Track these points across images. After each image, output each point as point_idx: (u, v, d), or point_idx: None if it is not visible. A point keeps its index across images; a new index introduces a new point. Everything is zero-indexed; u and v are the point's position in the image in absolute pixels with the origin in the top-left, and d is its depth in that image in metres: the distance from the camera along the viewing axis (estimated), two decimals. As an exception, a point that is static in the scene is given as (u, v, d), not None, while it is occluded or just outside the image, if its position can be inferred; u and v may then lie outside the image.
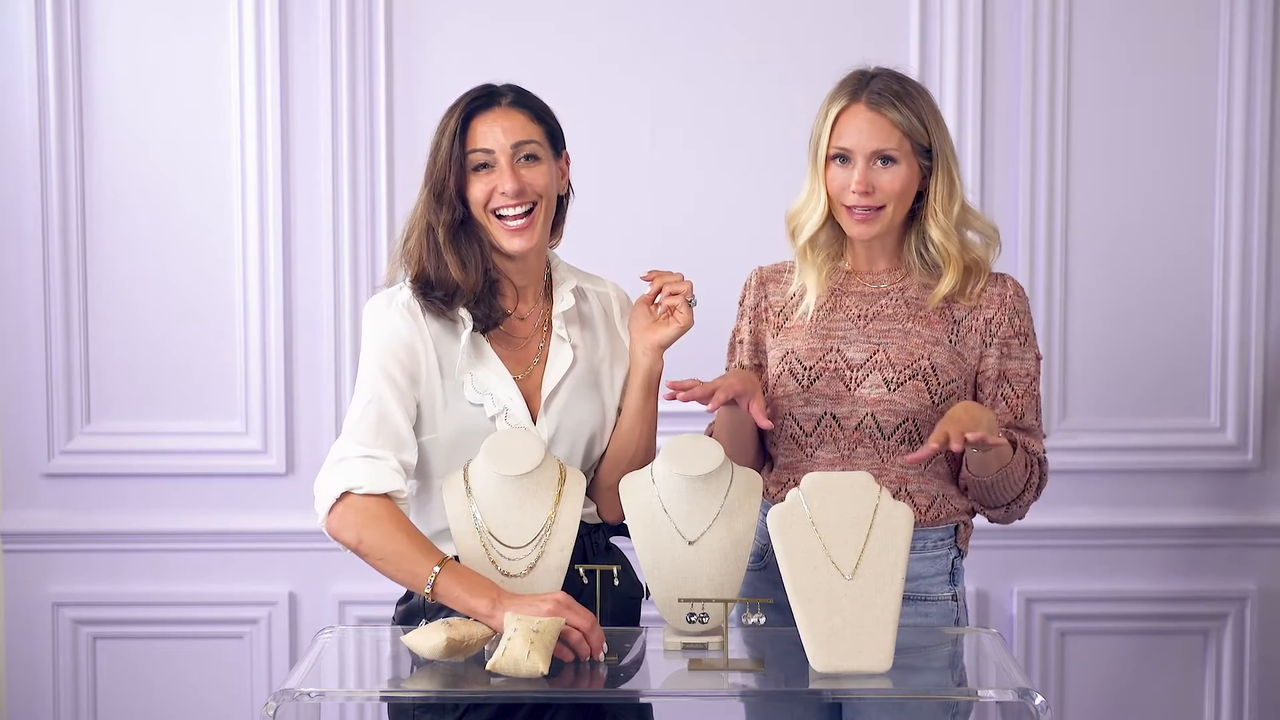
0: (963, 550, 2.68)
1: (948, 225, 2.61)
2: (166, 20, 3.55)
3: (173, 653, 3.65)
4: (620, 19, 3.55)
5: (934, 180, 2.61)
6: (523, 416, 2.51)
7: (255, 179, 3.55)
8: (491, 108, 2.53)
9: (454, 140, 2.51)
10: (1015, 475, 2.61)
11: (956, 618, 2.64)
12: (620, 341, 2.64)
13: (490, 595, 2.34)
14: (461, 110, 2.53)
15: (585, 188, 3.58)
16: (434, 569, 2.36)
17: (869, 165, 2.58)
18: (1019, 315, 2.65)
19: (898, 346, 2.62)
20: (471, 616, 2.34)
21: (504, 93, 2.55)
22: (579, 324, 2.61)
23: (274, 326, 3.58)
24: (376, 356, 2.50)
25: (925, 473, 2.63)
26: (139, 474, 3.62)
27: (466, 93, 2.56)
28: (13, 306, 3.59)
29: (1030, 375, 2.65)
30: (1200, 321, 3.61)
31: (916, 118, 2.59)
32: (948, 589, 2.63)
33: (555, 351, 2.56)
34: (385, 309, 2.53)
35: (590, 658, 2.31)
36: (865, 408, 2.61)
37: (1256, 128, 3.55)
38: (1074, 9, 3.54)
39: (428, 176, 2.54)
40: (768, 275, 2.77)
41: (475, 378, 2.51)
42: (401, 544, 2.40)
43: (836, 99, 2.61)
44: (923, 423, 2.60)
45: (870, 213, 2.60)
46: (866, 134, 2.58)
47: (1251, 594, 3.65)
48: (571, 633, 2.30)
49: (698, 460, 2.46)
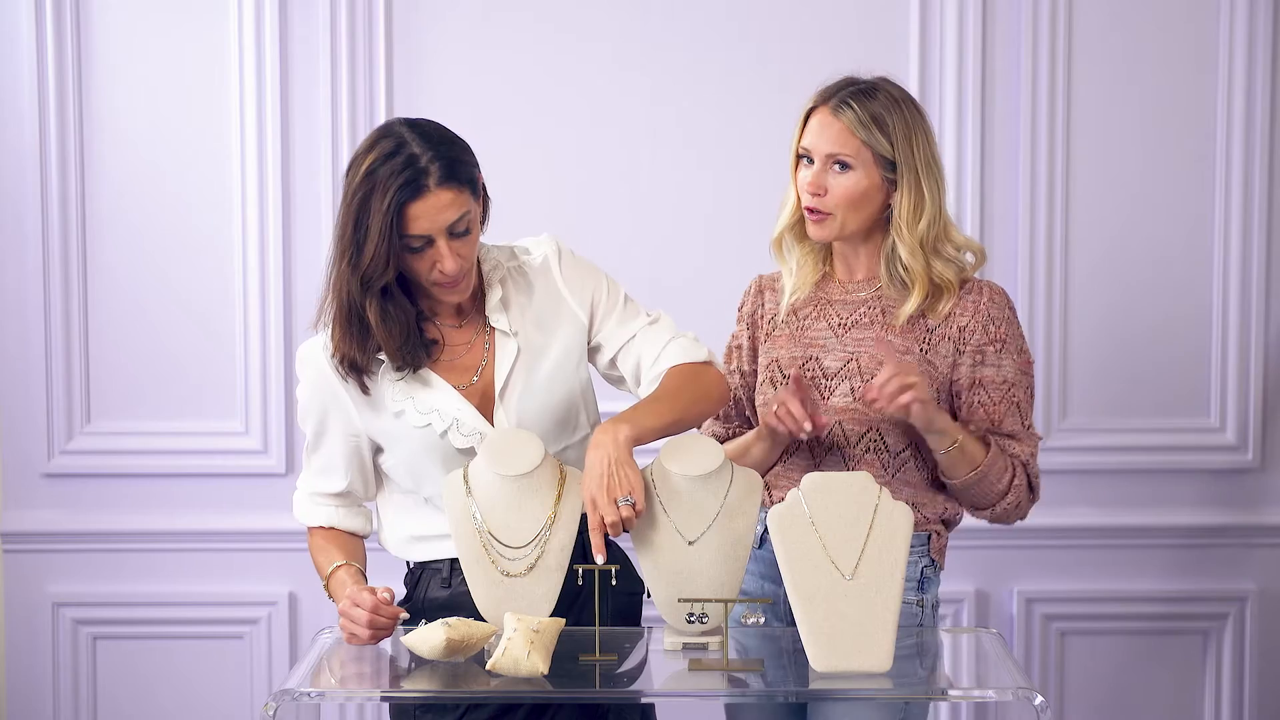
0: (935, 560, 2.67)
1: (912, 243, 2.61)
2: (166, 20, 3.55)
3: (173, 653, 3.65)
4: (620, 19, 3.55)
5: (899, 198, 2.61)
6: (475, 422, 2.52)
7: (255, 178, 3.55)
8: (422, 194, 2.41)
9: (390, 231, 2.41)
10: (991, 477, 2.60)
11: (920, 621, 2.63)
12: (565, 302, 2.60)
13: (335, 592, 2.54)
14: (393, 200, 2.40)
15: (585, 187, 3.60)
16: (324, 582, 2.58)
17: (825, 168, 2.61)
18: (994, 322, 2.63)
19: (869, 355, 2.63)
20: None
21: (427, 171, 2.41)
22: (515, 306, 2.58)
23: (274, 326, 3.58)
24: (307, 406, 2.58)
25: (895, 480, 2.63)
26: (139, 474, 3.62)
27: (387, 172, 2.40)
28: (13, 306, 3.59)
29: (1008, 382, 2.63)
30: (1200, 321, 3.61)
31: (881, 133, 2.59)
32: (913, 595, 2.63)
33: (500, 345, 2.56)
34: (309, 359, 2.56)
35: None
36: (835, 416, 2.63)
37: (1256, 128, 3.55)
38: (1074, 10, 3.54)
39: (349, 259, 2.43)
40: (766, 284, 2.78)
41: (416, 401, 2.52)
42: (319, 562, 2.61)
43: (812, 99, 2.65)
44: (887, 431, 2.61)
45: (821, 215, 2.62)
46: (825, 137, 2.60)
47: (1251, 594, 3.65)
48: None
49: (698, 460, 2.46)
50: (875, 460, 2.63)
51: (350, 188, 2.44)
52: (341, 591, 2.49)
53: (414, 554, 2.60)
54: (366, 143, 2.46)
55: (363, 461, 2.59)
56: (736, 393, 2.76)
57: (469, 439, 2.51)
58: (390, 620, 2.41)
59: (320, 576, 2.58)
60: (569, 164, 3.55)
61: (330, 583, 2.55)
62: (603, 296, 2.61)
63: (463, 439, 2.51)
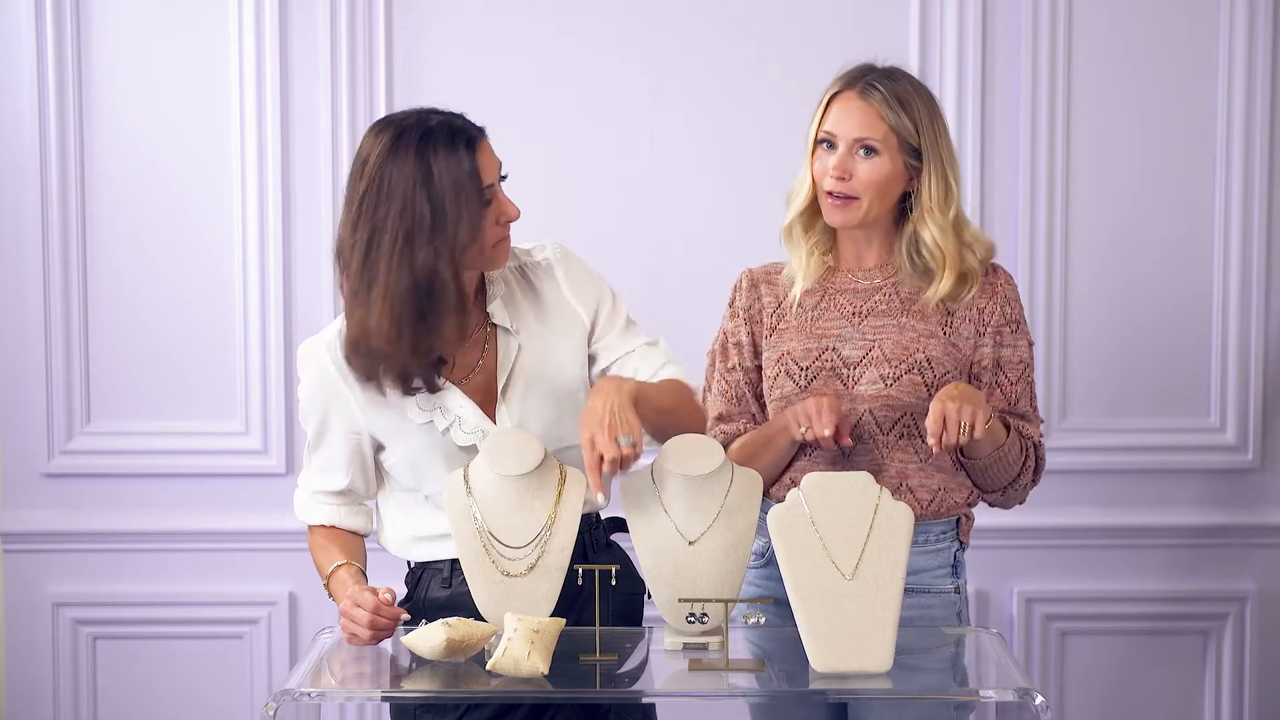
0: (964, 543, 2.69)
1: (944, 223, 2.61)
2: (166, 20, 3.55)
3: (173, 653, 3.65)
4: (620, 19, 3.55)
5: (927, 182, 2.61)
6: (478, 419, 2.51)
7: (255, 178, 3.55)
8: (481, 139, 2.44)
9: (470, 183, 2.38)
10: (1010, 458, 2.62)
11: (959, 610, 2.65)
12: (567, 303, 2.60)
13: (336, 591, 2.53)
14: (462, 147, 2.39)
15: (585, 186, 3.60)
16: (325, 583, 2.57)
17: (850, 152, 2.60)
18: (1010, 303, 2.66)
19: (893, 341, 2.63)
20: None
21: (468, 122, 2.44)
22: (517, 305, 2.58)
23: (274, 326, 3.58)
24: (309, 404, 2.57)
25: (926, 466, 2.63)
26: (139, 474, 3.62)
27: (440, 125, 2.39)
28: (13, 306, 3.59)
29: (1023, 362, 2.66)
30: (1200, 321, 3.61)
31: (907, 116, 2.59)
32: (950, 581, 2.65)
33: (501, 343, 2.55)
34: (311, 357, 2.55)
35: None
36: (863, 404, 2.62)
37: (1256, 128, 3.55)
38: (1074, 9, 3.54)
39: (433, 228, 2.36)
40: (759, 277, 2.75)
41: (419, 398, 2.51)
42: (320, 560, 2.59)
43: (834, 85, 2.64)
44: (919, 415, 2.60)
45: (846, 200, 2.61)
46: (852, 121, 2.59)
47: (1251, 594, 3.65)
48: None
49: (698, 460, 2.46)
50: (908, 446, 2.62)
51: (393, 153, 2.38)
52: (342, 591, 2.49)
53: (414, 554, 2.60)
54: (380, 128, 2.43)
55: (364, 459, 2.58)
56: (740, 388, 2.74)
57: (471, 436, 2.51)
58: (391, 621, 2.41)
59: (320, 575, 2.57)
60: (569, 164, 3.55)
61: (331, 582, 2.55)
62: (607, 308, 2.61)
63: (465, 436, 2.51)
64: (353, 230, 2.41)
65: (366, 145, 2.43)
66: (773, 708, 2.75)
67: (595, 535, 2.60)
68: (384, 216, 2.38)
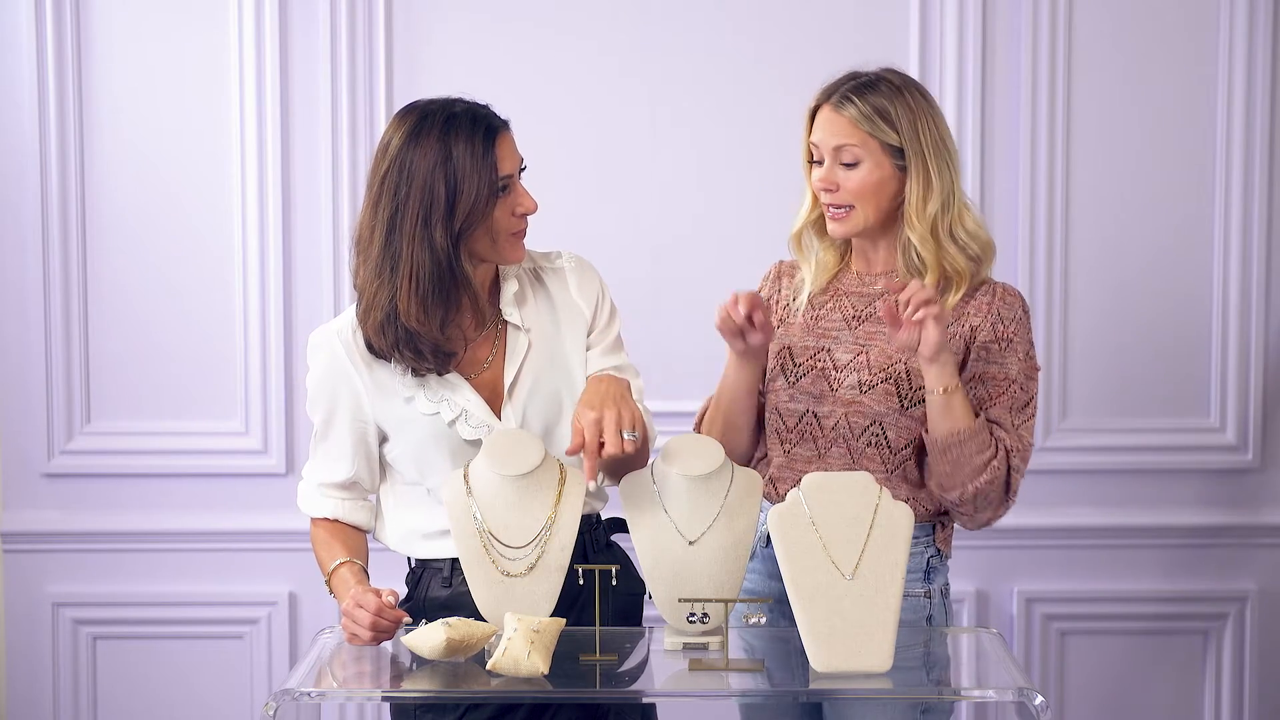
0: (942, 550, 2.67)
1: (923, 231, 2.60)
2: (166, 21, 3.55)
3: (173, 653, 3.65)
4: (620, 19, 3.55)
5: (909, 183, 2.61)
6: (484, 414, 2.52)
7: (255, 178, 3.55)
8: (501, 130, 2.48)
9: (485, 168, 2.43)
10: (971, 447, 2.54)
11: (929, 614, 2.63)
12: (577, 308, 2.62)
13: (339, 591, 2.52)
14: (481, 135, 2.45)
15: (586, 186, 3.60)
16: (326, 580, 2.56)
17: (834, 164, 2.61)
18: (1003, 321, 2.62)
19: (879, 350, 2.63)
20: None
21: (492, 112, 2.50)
22: (529, 303, 2.59)
23: (274, 326, 3.59)
24: (317, 393, 2.58)
25: (892, 477, 2.63)
26: (138, 474, 3.62)
27: (464, 113, 2.47)
28: (13, 306, 3.59)
29: (1009, 379, 2.61)
30: (1200, 322, 3.60)
31: (885, 122, 2.59)
32: (920, 585, 2.63)
33: (511, 340, 2.56)
34: (322, 344, 2.57)
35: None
36: (841, 408, 2.63)
37: (1256, 128, 3.55)
38: (1074, 9, 3.54)
39: (445, 209, 2.42)
40: (785, 270, 2.79)
41: (427, 388, 2.52)
42: (322, 556, 2.59)
43: (815, 98, 2.66)
44: (889, 425, 2.61)
45: (840, 211, 2.62)
46: (828, 133, 2.61)
47: (1251, 594, 3.65)
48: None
49: (698, 460, 2.46)
50: (875, 455, 2.62)
51: (416, 136, 2.43)
52: (344, 590, 2.49)
53: (415, 550, 2.60)
54: (405, 114, 2.49)
55: (369, 450, 2.58)
56: None
57: (476, 431, 2.51)
58: (393, 623, 2.41)
59: (322, 572, 2.57)
60: (569, 164, 3.55)
61: (333, 579, 2.55)
62: (604, 317, 2.63)
63: (470, 430, 2.51)
64: (374, 211, 2.47)
65: (390, 129, 2.49)
66: (752, 707, 2.75)
67: (595, 535, 2.60)
68: (405, 197, 2.43)
